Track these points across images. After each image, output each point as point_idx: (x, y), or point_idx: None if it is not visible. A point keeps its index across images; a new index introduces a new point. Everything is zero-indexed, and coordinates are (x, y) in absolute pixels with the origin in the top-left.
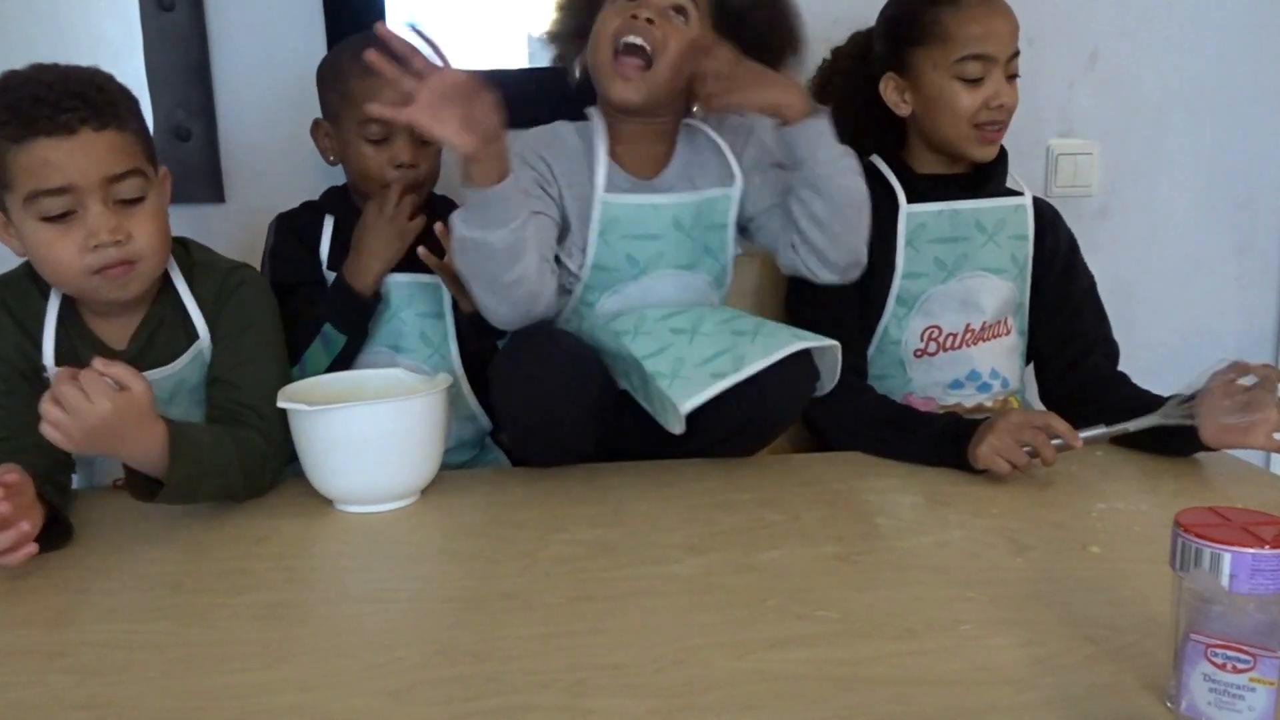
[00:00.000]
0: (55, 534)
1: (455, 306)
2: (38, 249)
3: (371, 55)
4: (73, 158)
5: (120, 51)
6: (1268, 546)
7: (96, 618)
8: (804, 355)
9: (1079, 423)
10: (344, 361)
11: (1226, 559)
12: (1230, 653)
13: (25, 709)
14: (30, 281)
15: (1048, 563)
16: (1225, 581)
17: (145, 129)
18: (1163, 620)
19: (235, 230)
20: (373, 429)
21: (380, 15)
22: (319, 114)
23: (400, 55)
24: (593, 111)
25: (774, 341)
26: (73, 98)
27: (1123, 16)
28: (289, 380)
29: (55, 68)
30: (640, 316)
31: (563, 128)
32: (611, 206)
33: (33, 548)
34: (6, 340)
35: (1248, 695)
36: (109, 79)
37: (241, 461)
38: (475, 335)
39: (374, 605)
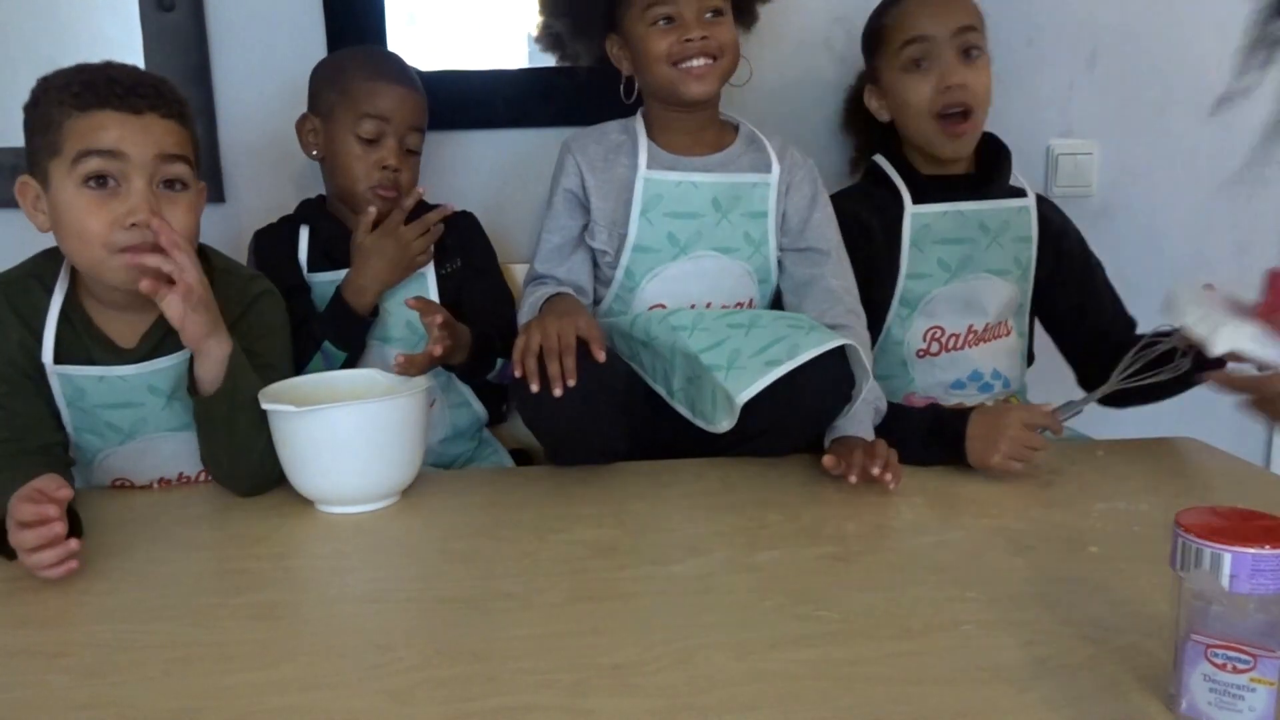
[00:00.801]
0: (72, 534)
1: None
2: (69, 216)
3: None
4: (132, 131)
5: (120, 51)
6: (1268, 546)
7: (96, 618)
8: (842, 359)
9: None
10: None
11: (1226, 559)
12: (1230, 653)
13: (25, 709)
14: (34, 279)
15: (1048, 563)
16: (1225, 582)
17: (198, 140)
18: (1163, 620)
19: (235, 230)
20: (357, 429)
21: (380, 15)
22: None
23: None
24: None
25: (828, 336)
26: (144, 85)
27: (1123, 16)
28: None
29: (133, 67)
30: (699, 314)
31: (608, 125)
32: (653, 183)
33: (74, 563)
34: (10, 340)
35: (1248, 695)
36: (178, 90)
37: (266, 441)
38: (467, 376)
39: (373, 605)
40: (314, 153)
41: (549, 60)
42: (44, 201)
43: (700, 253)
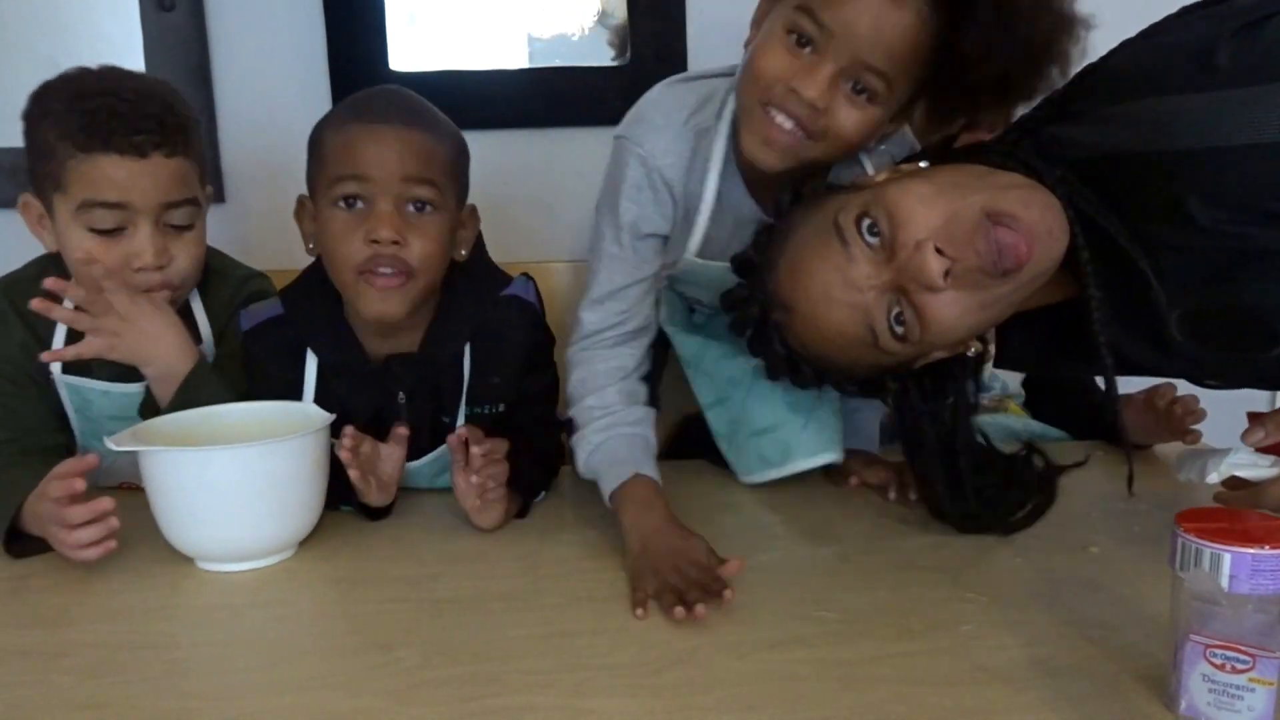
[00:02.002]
0: None
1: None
2: (75, 254)
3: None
4: (137, 179)
5: (120, 51)
6: (1268, 547)
7: (96, 618)
8: None
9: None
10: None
11: (1226, 559)
12: (1230, 653)
13: (25, 709)
14: (38, 283)
15: (1048, 563)
16: (1225, 582)
17: (203, 153)
18: (1163, 620)
19: (235, 230)
20: (241, 474)
21: (380, 15)
22: (318, 114)
23: None
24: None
25: (821, 439)
26: (148, 119)
27: (1123, 17)
28: None
29: (132, 79)
30: (702, 348)
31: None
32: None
33: (113, 543)
34: (13, 341)
35: (1247, 695)
36: (181, 99)
37: None
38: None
39: (374, 605)
40: (310, 244)
41: (549, 60)
42: (49, 221)
43: None
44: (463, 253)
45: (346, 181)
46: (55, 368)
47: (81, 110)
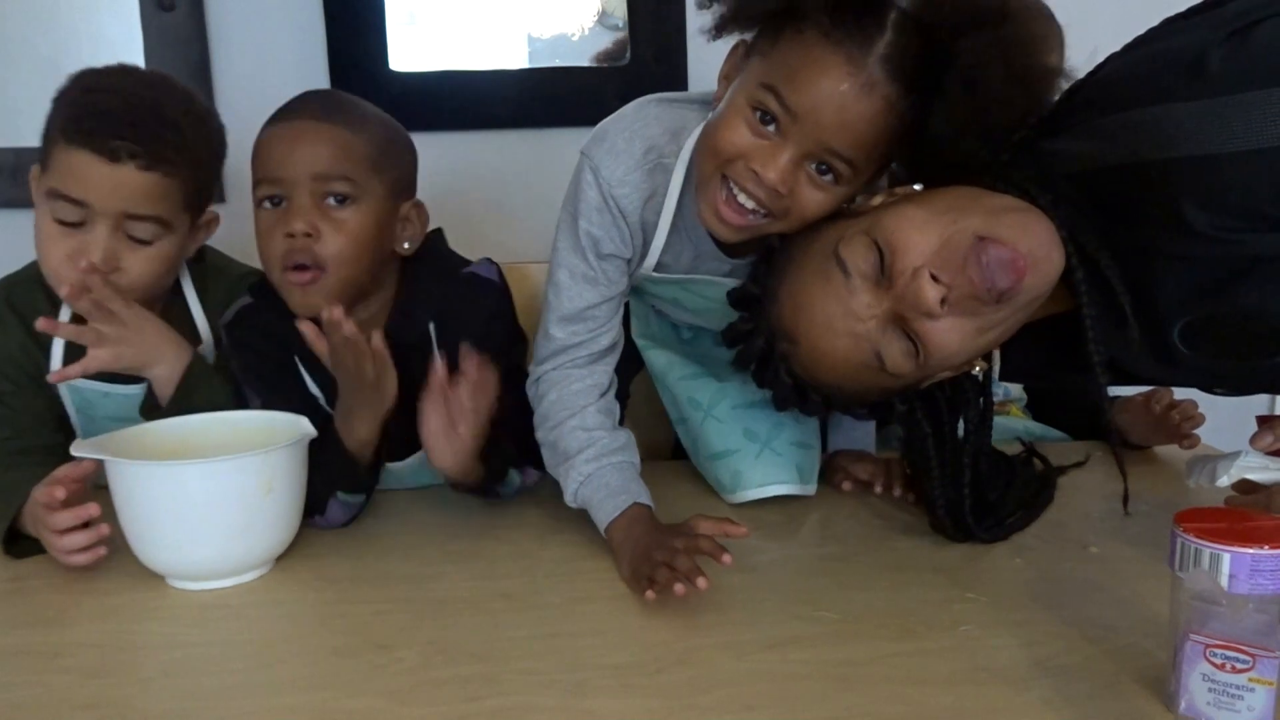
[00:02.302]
0: None
1: None
2: (38, 234)
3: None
4: (102, 182)
5: (120, 51)
6: (1267, 546)
7: (96, 618)
8: None
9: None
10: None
11: (1226, 559)
12: (1229, 653)
13: (25, 709)
14: (37, 284)
15: (1048, 563)
16: (1225, 581)
17: (202, 177)
18: (1163, 620)
19: (235, 230)
20: (213, 489)
21: (380, 16)
22: None
23: None
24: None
25: (774, 470)
26: (133, 126)
27: (1123, 17)
28: None
29: (148, 87)
30: (668, 366)
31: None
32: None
33: (104, 550)
34: (12, 340)
35: (1247, 695)
36: (196, 117)
37: None
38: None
39: (374, 605)
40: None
41: (549, 60)
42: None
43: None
44: (405, 246)
45: (264, 184)
46: (56, 365)
47: (80, 102)
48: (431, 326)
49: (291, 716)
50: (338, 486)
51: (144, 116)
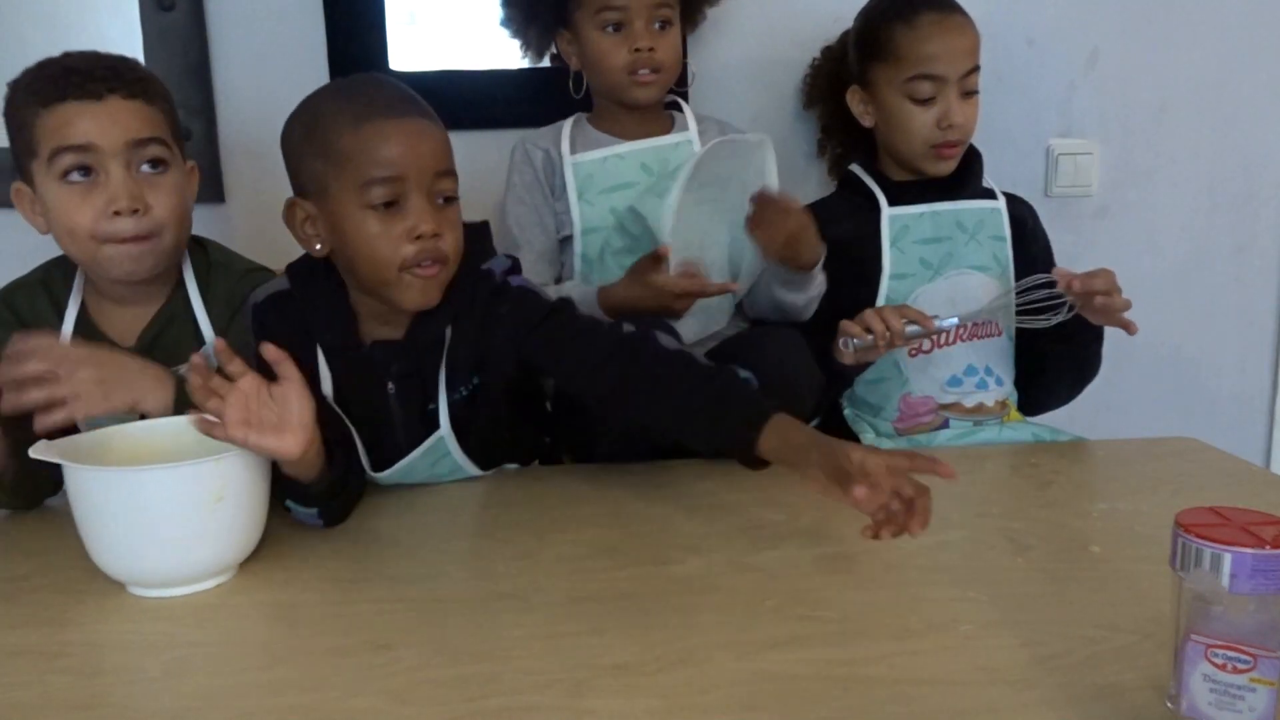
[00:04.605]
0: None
1: None
2: (57, 213)
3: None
4: (98, 120)
5: (120, 51)
6: (1268, 546)
7: (97, 618)
8: (809, 358)
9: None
10: (341, 512)
11: (1227, 559)
12: (1230, 653)
13: (25, 709)
14: (41, 288)
15: (1048, 563)
16: (1225, 582)
17: (174, 113)
18: (1163, 620)
19: (235, 230)
20: (157, 497)
21: (380, 16)
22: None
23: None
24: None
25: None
26: (105, 69)
27: (1123, 16)
28: None
29: (91, 51)
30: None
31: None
32: (582, 165)
33: (60, 415)
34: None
35: (1248, 696)
36: (142, 65)
37: None
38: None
39: (373, 605)
40: (317, 246)
41: (548, 60)
42: (39, 204)
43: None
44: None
45: (379, 185)
46: None
47: (42, 75)
48: (449, 330)
49: (291, 716)
50: (286, 495)
51: (106, 62)
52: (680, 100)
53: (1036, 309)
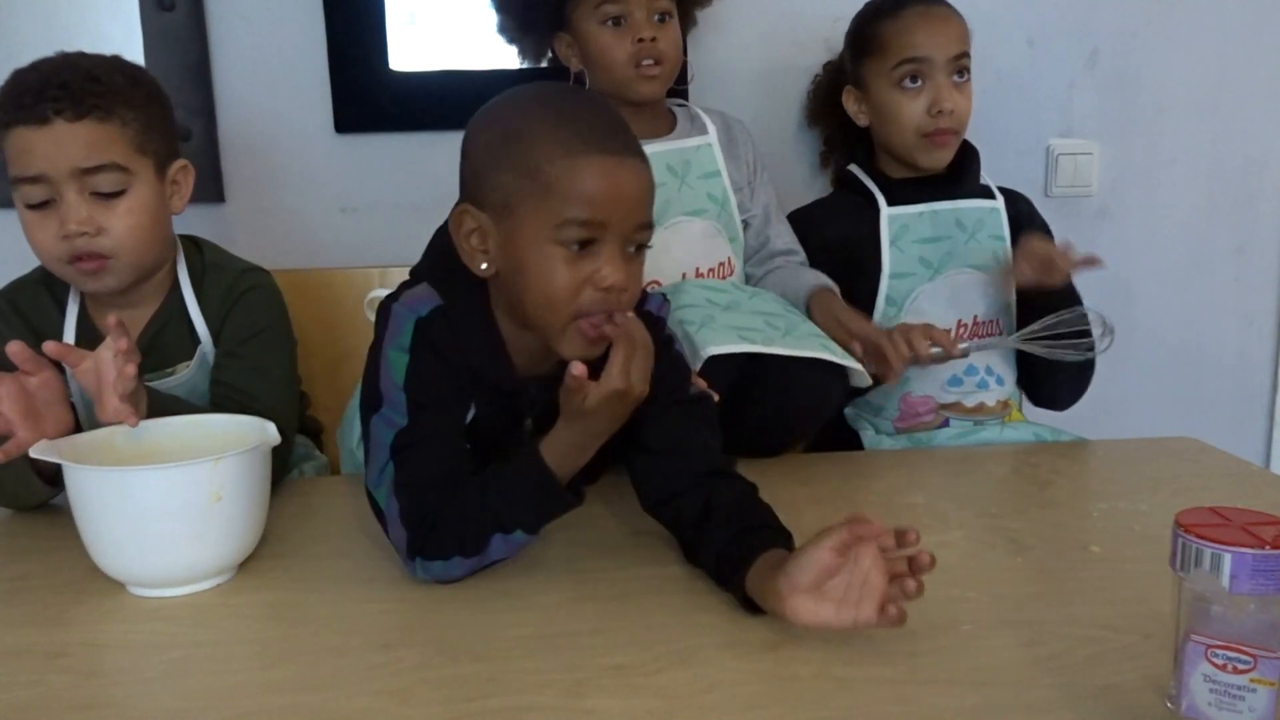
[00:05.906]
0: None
1: None
2: (27, 235)
3: None
4: (45, 147)
5: (120, 51)
6: (1268, 546)
7: (97, 618)
8: (833, 365)
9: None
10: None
11: (1227, 559)
12: (1231, 653)
13: (25, 709)
14: (43, 286)
15: (1048, 563)
16: (1225, 582)
17: (145, 121)
18: (1163, 620)
19: (235, 230)
20: (155, 497)
21: (380, 16)
22: (318, 114)
23: None
24: None
25: (803, 343)
26: (56, 88)
27: (1123, 16)
28: (299, 386)
29: (64, 57)
30: (678, 286)
31: None
32: None
33: (23, 441)
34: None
35: (1248, 696)
36: (120, 70)
37: None
38: None
39: (374, 605)
40: (483, 265)
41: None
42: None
43: (674, 219)
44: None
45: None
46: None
47: (7, 92)
48: None
49: (291, 716)
50: (524, 523)
51: (63, 77)
52: (682, 100)
53: (1067, 341)
